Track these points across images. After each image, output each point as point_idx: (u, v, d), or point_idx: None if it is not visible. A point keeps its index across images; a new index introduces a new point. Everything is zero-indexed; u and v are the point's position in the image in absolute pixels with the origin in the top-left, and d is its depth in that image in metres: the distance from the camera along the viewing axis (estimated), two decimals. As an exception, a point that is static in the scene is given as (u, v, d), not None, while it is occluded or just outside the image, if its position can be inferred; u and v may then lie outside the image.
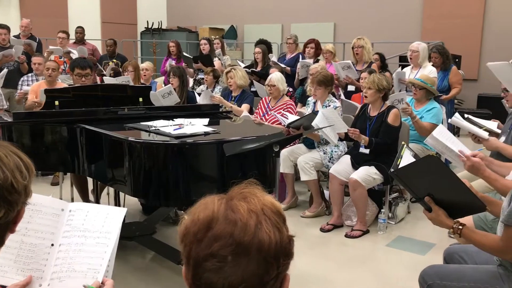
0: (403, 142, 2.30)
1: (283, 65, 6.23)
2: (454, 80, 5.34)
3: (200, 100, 5.14)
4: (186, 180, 2.82)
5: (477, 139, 3.42)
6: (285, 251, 0.92)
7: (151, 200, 3.07)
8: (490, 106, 7.81)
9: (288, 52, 6.82)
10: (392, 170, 2.05)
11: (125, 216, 1.50)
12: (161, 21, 12.38)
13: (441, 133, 2.80)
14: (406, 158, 2.05)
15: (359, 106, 4.63)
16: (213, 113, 3.88)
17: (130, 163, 2.81)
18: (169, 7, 13.27)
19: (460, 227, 1.94)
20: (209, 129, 3.04)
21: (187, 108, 4.42)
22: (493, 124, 3.52)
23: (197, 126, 3.12)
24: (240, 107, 4.96)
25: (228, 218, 0.89)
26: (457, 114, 3.19)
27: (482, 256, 2.20)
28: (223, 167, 2.81)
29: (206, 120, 3.31)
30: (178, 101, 4.90)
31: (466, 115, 3.42)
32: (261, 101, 4.91)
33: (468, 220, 2.61)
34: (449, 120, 3.39)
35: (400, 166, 1.99)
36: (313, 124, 3.91)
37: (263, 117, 4.75)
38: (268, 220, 0.91)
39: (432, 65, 5.48)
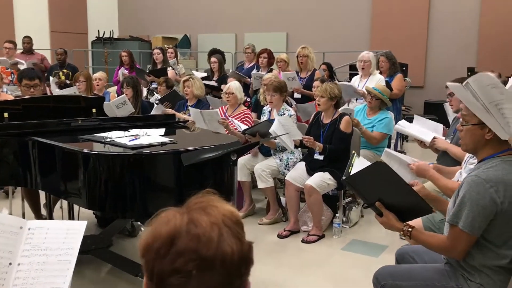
0: (353, 151, 2.41)
1: (244, 76, 6.30)
2: (394, 85, 5.55)
3: (153, 113, 5.08)
4: (143, 192, 2.80)
5: (422, 143, 3.60)
6: (246, 259, 0.94)
7: (108, 213, 3.03)
8: (436, 112, 8.18)
9: (246, 61, 6.90)
10: (344, 177, 2.16)
11: (80, 230, 1.48)
12: (112, 30, 12.18)
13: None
14: (357, 166, 2.14)
15: (315, 109, 4.74)
16: (169, 123, 3.87)
17: (85, 175, 2.77)
18: (120, 16, 13.09)
19: (410, 229, 2.06)
20: (165, 139, 3.04)
21: (142, 118, 4.39)
22: (436, 128, 3.70)
23: (153, 136, 3.11)
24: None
25: (191, 233, 0.89)
26: (400, 122, 3.34)
27: (430, 255, 2.32)
28: (181, 177, 2.81)
29: (162, 130, 3.30)
30: (133, 111, 4.86)
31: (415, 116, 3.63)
32: (218, 110, 4.94)
33: (417, 222, 2.76)
34: (394, 127, 3.54)
35: (351, 174, 2.09)
36: (270, 131, 3.98)
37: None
38: (229, 231, 0.92)
39: (380, 71, 5.70)
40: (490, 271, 1.99)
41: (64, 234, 1.41)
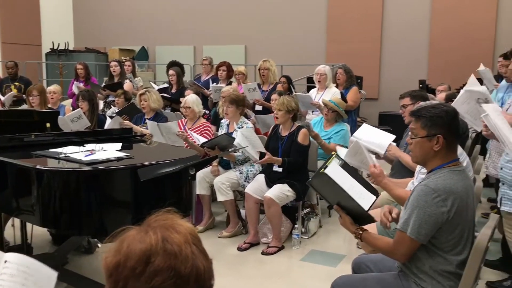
0: (333, 152, 2.49)
1: (202, 87, 6.30)
2: (349, 97, 5.71)
3: (109, 126, 4.99)
4: (100, 208, 2.75)
5: (377, 155, 3.71)
6: (211, 273, 0.97)
7: (63, 230, 2.95)
8: (390, 123, 8.44)
9: (203, 73, 6.91)
10: (308, 180, 2.29)
11: (33, 249, 1.42)
12: (67, 42, 11.91)
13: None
14: (332, 168, 2.21)
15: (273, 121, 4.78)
16: (126, 137, 3.83)
17: (38, 192, 2.69)
18: (76, 27, 12.83)
19: (361, 232, 2.19)
20: (122, 154, 3.00)
21: (98, 132, 4.31)
22: (386, 138, 3.80)
23: (109, 151, 3.06)
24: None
25: (167, 251, 0.90)
26: (356, 134, 3.38)
27: (385, 264, 2.40)
28: (138, 193, 2.79)
29: (119, 145, 3.26)
30: (89, 125, 4.77)
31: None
32: (178, 123, 4.91)
33: (372, 227, 2.85)
34: (350, 139, 3.62)
35: (326, 173, 2.17)
36: (235, 143, 4.01)
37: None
38: (197, 248, 0.95)
39: (337, 83, 5.86)
40: (440, 277, 2.09)
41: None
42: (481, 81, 6.01)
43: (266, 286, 3.48)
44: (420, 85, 8.21)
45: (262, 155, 4.22)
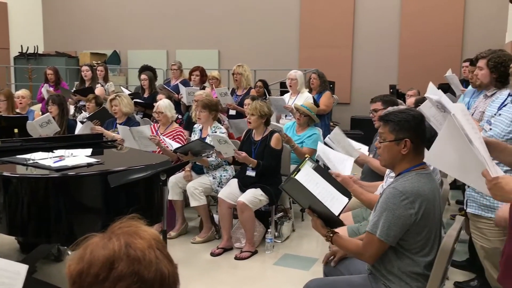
0: (306, 155, 2.52)
1: (172, 91, 6.26)
2: (322, 101, 5.80)
3: (80, 131, 4.91)
4: (69, 215, 2.71)
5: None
6: (177, 278, 0.97)
7: (31, 238, 2.89)
8: (361, 127, 8.57)
9: (172, 78, 6.87)
10: (281, 184, 2.33)
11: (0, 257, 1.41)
12: (37, 46, 11.67)
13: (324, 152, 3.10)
14: (305, 171, 2.24)
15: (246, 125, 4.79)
16: (96, 142, 3.77)
17: (5, 199, 2.64)
18: (46, 31, 12.59)
19: (331, 234, 2.22)
20: (92, 159, 2.96)
21: (68, 138, 4.24)
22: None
23: (79, 157, 3.02)
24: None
25: (131, 256, 0.90)
26: (325, 150, 3.35)
27: (355, 266, 2.44)
28: (108, 199, 2.75)
29: (89, 151, 3.22)
30: (58, 130, 4.68)
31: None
32: (150, 128, 4.86)
33: (343, 230, 2.90)
34: (317, 151, 3.59)
35: (290, 180, 2.20)
36: (216, 147, 4.05)
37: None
38: (162, 253, 0.94)
39: (310, 88, 5.92)
40: (409, 278, 2.13)
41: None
42: (449, 86, 6.19)
43: (240, 291, 3.48)
44: (391, 90, 8.36)
45: (234, 161, 4.23)
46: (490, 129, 2.40)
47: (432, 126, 3.35)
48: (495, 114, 2.43)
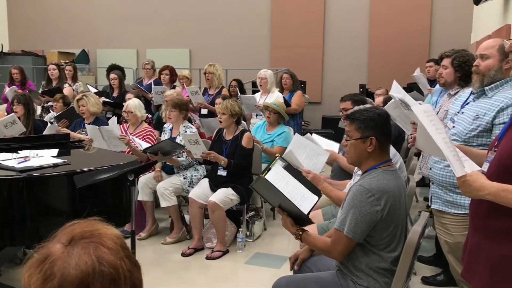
0: (277, 154, 2.52)
1: (145, 90, 6.19)
2: (294, 101, 5.84)
3: (46, 132, 4.80)
4: (35, 217, 2.65)
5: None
6: (141, 278, 0.95)
7: (-6, 241, 2.80)
8: (332, 126, 8.66)
9: (145, 77, 6.79)
10: (251, 183, 2.33)
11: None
12: (2, 44, 11.34)
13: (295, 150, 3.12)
14: (275, 170, 2.25)
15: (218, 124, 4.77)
16: (63, 143, 3.70)
17: (-34, 202, 2.55)
18: (11, 29, 12.25)
19: (301, 232, 2.24)
20: (58, 160, 2.90)
21: (34, 138, 4.13)
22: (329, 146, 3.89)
23: (44, 158, 2.95)
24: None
25: (105, 276, 0.87)
26: (292, 149, 3.33)
27: (324, 263, 2.46)
28: (75, 200, 2.70)
29: (55, 151, 3.15)
30: (24, 131, 4.56)
31: (311, 133, 3.79)
32: (119, 126, 4.80)
33: (313, 228, 2.93)
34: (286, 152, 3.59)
35: (265, 177, 2.20)
36: (187, 147, 4.02)
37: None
38: (130, 261, 0.92)
39: (282, 87, 5.95)
40: (376, 273, 2.16)
41: None
42: (416, 85, 6.32)
43: (211, 291, 3.47)
44: (360, 89, 8.48)
45: (205, 161, 4.20)
46: (454, 126, 2.46)
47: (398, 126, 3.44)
48: (458, 112, 2.49)
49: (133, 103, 4.71)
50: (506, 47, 1.57)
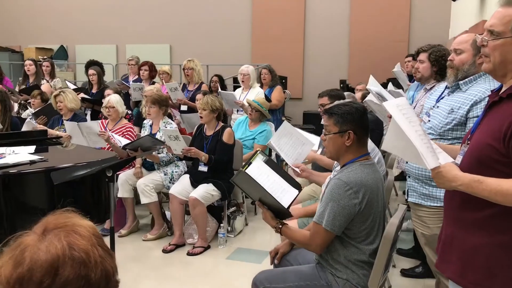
0: (258, 149, 2.54)
1: (126, 84, 6.13)
2: (273, 96, 5.86)
3: (24, 129, 4.72)
4: (11, 214, 2.60)
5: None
6: (116, 270, 0.95)
7: (-31, 240, 2.75)
8: (313, 121, 8.70)
9: (130, 73, 6.73)
10: (232, 177, 2.35)
11: None
12: (-23, 40, 11.14)
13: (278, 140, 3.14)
14: (256, 165, 2.27)
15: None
16: (41, 139, 3.64)
17: None
18: (-13, 24, 12.02)
19: (280, 226, 2.27)
20: (35, 157, 2.86)
21: (10, 135, 4.06)
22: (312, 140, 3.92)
23: (21, 154, 2.90)
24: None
25: (76, 259, 0.87)
26: (272, 141, 3.36)
27: (304, 257, 2.49)
28: (53, 197, 2.67)
29: (32, 148, 3.10)
30: (0, 128, 4.47)
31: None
32: (98, 123, 4.74)
33: (294, 223, 2.96)
34: (267, 144, 3.61)
35: (246, 171, 2.21)
36: (167, 142, 4.00)
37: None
38: (102, 249, 0.92)
39: (262, 83, 5.95)
40: (354, 266, 2.19)
41: None
42: (396, 81, 6.39)
43: (192, 286, 3.46)
44: (341, 85, 8.54)
45: (185, 156, 4.18)
46: (429, 120, 2.50)
47: (376, 119, 3.48)
48: (433, 106, 2.53)
49: (114, 99, 4.67)
50: (478, 41, 1.60)
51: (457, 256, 1.61)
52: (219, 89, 6.18)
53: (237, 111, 5.75)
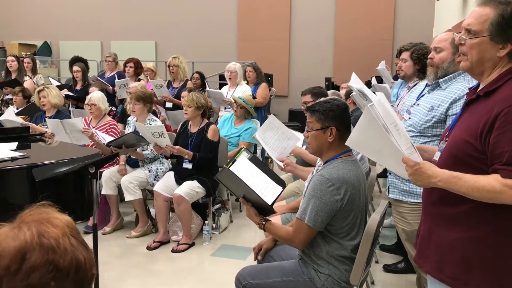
0: (242, 146, 2.55)
1: (105, 83, 6.09)
2: (259, 93, 5.88)
3: (4, 118, 4.68)
4: (-8, 211, 2.57)
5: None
6: (92, 263, 0.96)
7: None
8: (299, 119, 8.75)
9: (107, 70, 6.68)
10: (216, 174, 2.36)
11: None
12: (-42, 35, 10.95)
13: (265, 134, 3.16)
14: (240, 162, 2.28)
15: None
16: (23, 136, 3.60)
17: None
18: (-32, 19, 11.82)
19: (264, 222, 2.29)
20: (17, 153, 2.83)
21: (-8, 132, 4.01)
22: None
23: (2, 151, 2.88)
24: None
25: (44, 245, 0.88)
26: (257, 134, 3.37)
27: (287, 252, 2.51)
28: (36, 193, 2.64)
29: (14, 144, 3.07)
30: (-18, 124, 4.42)
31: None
32: (82, 119, 4.70)
33: (277, 219, 2.98)
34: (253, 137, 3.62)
35: (230, 169, 2.22)
36: (149, 140, 3.98)
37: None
38: (76, 240, 0.93)
39: (247, 80, 5.96)
40: (336, 261, 2.22)
41: None
42: (380, 78, 6.45)
43: (176, 283, 3.46)
44: (326, 83, 8.58)
45: (171, 154, 4.17)
46: (409, 118, 2.53)
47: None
48: (414, 104, 2.57)
49: (96, 96, 4.64)
50: (456, 40, 1.63)
51: (435, 251, 1.64)
52: (207, 87, 6.17)
53: (225, 108, 5.75)
